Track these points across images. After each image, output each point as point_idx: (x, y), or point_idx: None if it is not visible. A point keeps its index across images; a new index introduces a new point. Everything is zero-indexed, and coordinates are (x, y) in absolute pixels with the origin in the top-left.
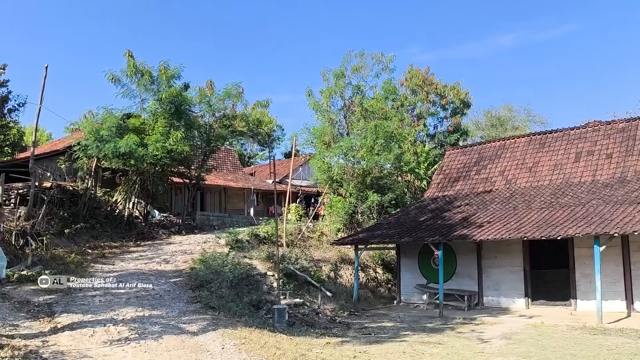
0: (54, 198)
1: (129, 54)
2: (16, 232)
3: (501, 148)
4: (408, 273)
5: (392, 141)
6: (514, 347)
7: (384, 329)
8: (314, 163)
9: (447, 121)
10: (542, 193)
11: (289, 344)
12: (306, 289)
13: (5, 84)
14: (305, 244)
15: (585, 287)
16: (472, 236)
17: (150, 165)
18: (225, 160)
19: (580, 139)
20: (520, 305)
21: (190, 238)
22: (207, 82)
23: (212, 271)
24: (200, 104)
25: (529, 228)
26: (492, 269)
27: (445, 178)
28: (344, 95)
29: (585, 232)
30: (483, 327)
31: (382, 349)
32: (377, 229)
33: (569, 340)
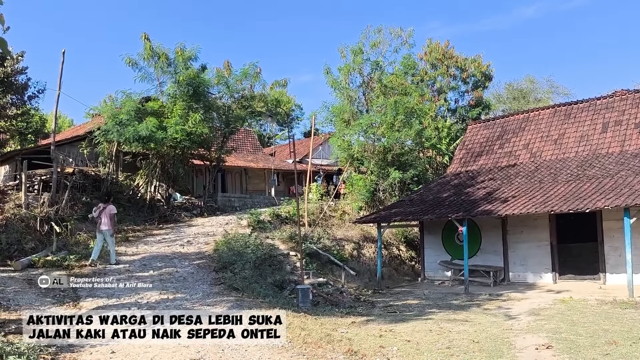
0: (76, 183)
1: (145, 37)
2: (41, 218)
3: (525, 120)
4: (432, 250)
5: (413, 117)
6: (543, 323)
7: (409, 306)
8: (334, 141)
9: (468, 95)
10: (568, 165)
11: (314, 324)
12: (329, 268)
13: (24, 71)
14: (327, 223)
15: (615, 260)
16: (497, 211)
17: (170, 148)
18: (244, 142)
19: (607, 109)
20: (548, 280)
21: (212, 220)
22: (224, 62)
23: (234, 252)
24: (218, 85)
25: (556, 201)
26: (518, 244)
27: (467, 153)
28: (363, 71)
29: (615, 204)
30: (510, 303)
31: (408, 327)
32: (399, 206)
33: (599, 315)
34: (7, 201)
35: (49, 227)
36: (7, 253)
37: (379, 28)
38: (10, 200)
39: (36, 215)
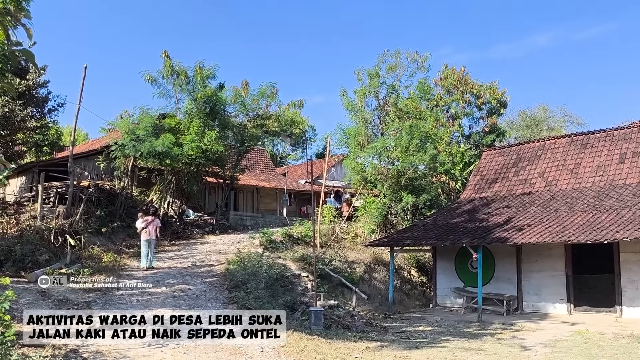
0: (91, 197)
1: (166, 54)
2: (55, 230)
3: (540, 149)
4: (444, 276)
5: (427, 141)
6: (561, 356)
7: (422, 333)
8: (348, 163)
9: (482, 121)
10: (584, 195)
11: (328, 347)
12: (340, 290)
13: (45, 85)
14: (339, 244)
15: (632, 293)
16: (513, 239)
17: (185, 164)
18: (257, 161)
19: (625, 140)
20: (562, 311)
21: (224, 238)
22: (242, 82)
23: (247, 272)
24: (234, 104)
25: (572, 231)
26: (532, 273)
27: (482, 179)
28: (379, 95)
29: (634, 236)
30: (524, 334)
31: (422, 355)
32: (412, 230)
33: (617, 349)
34: (22, 212)
35: (63, 239)
36: (21, 264)
37: (396, 51)
38: (26, 212)
39: (51, 227)
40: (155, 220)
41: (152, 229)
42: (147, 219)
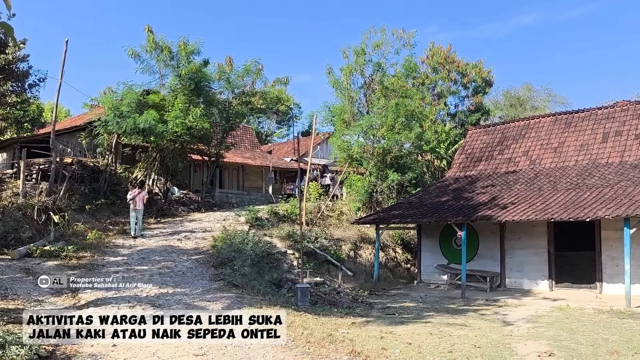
0: (74, 174)
1: (149, 29)
2: (38, 208)
3: (525, 128)
4: (428, 253)
5: (413, 120)
6: (543, 331)
7: (407, 309)
8: (334, 141)
9: (468, 100)
10: (568, 174)
11: (315, 323)
12: (326, 267)
13: (25, 59)
14: (325, 222)
15: (612, 270)
16: (497, 217)
17: (170, 141)
18: (243, 138)
19: (608, 119)
20: (544, 287)
21: (210, 215)
22: (226, 58)
23: (233, 249)
24: (219, 81)
25: (555, 209)
26: (515, 251)
27: (467, 158)
28: (364, 72)
29: (616, 214)
30: (507, 309)
31: (408, 330)
32: (398, 208)
33: (598, 324)
34: (4, 189)
35: (46, 216)
36: (4, 241)
37: (381, 28)
38: (8, 189)
39: (34, 204)
40: (142, 192)
41: (139, 200)
42: (134, 191)
